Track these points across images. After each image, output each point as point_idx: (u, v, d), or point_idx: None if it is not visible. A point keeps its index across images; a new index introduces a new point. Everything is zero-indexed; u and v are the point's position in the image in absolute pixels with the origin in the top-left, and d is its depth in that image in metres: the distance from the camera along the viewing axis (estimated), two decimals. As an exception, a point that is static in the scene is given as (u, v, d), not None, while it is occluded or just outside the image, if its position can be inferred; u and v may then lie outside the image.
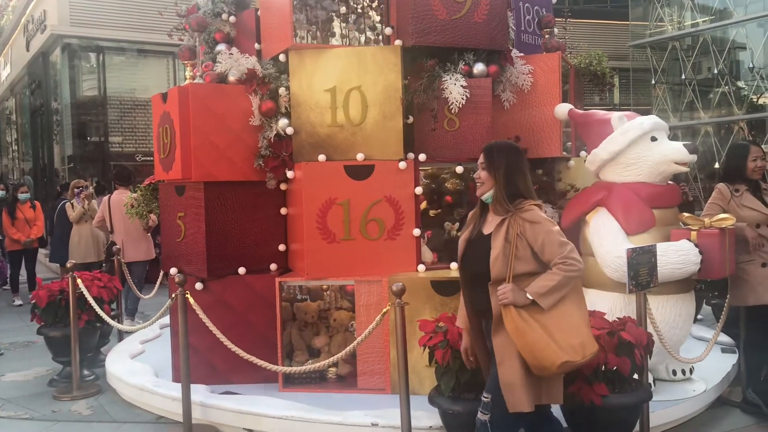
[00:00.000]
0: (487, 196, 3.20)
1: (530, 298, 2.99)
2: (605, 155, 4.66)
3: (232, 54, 5.07)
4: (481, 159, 3.25)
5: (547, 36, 5.68)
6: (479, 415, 3.17)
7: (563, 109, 5.11)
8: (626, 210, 4.49)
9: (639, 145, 4.58)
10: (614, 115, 4.73)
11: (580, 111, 5.16)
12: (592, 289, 4.62)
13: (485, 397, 3.16)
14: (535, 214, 3.08)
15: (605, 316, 3.86)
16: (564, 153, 5.39)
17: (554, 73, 5.27)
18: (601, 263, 4.45)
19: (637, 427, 3.86)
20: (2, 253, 7.95)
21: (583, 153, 5.65)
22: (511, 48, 5.35)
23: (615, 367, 3.61)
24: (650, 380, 4.21)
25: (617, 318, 3.87)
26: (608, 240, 4.43)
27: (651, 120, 4.68)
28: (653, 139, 4.60)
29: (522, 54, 5.42)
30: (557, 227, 3.08)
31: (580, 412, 3.62)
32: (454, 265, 4.89)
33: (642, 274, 3.92)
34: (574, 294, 3.07)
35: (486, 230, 3.19)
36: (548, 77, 5.28)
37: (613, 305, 4.42)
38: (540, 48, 5.78)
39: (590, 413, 3.58)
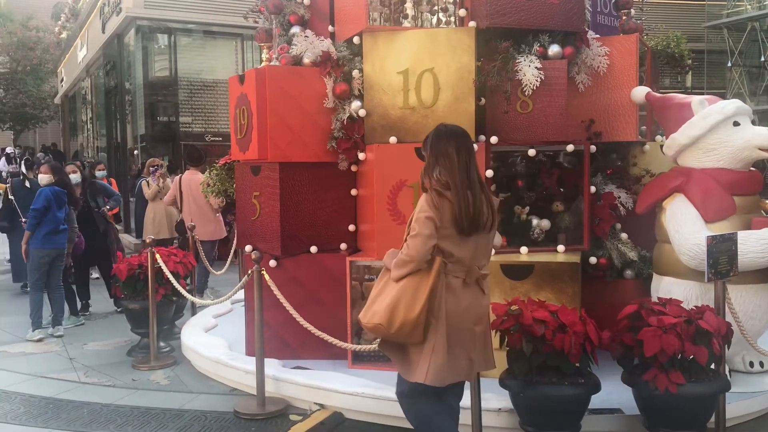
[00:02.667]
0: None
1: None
2: (684, 140, 4.55)
3: (307, 37, 5.14)
4: None
5: (624, 17, 5.54)
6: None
7: (640, 92, 5.00)
8: (705, 196, 4.38)
9: (720, 130, 4.45)
10: (695, 99, 4.60)
11: (658, 94, 5.03)
12: (666, 277, 4.56)
13: None
14: (422, 198, 3.22)
15: (682, 305, 3.80)
16: (639, 137, 5.28)
17: (631, 56, 5.15)
18: (678, 250, 4.36)
19: (713, 418, 3.79)
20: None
21: (658, 137, 5.53)
22: (587, 29, 5.25)
23: (692, 356, 3.56)
24: (726, 371, 4.13)
25: (695, 306, 3.80)
26: (686, 227, 4.33)
27: (734, 104, 4.53)
28: (736, 124, 4.46)
29: (598, 35, 5.31)
30: (424, 215, 3.12)
31: (655, 399, 3.59)
32: (524, 249, 4.88)
33: (722, 262, 3.83)
34: (416, 277, 3.14)
35: None
36: (625, 59, 5.16)
37: (688, 293, 4.35)
38: (616, 29, 5.65)
39: (665, 401, 3.55)
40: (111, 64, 17.80)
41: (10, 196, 8.91)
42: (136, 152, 15.62)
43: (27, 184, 8.79)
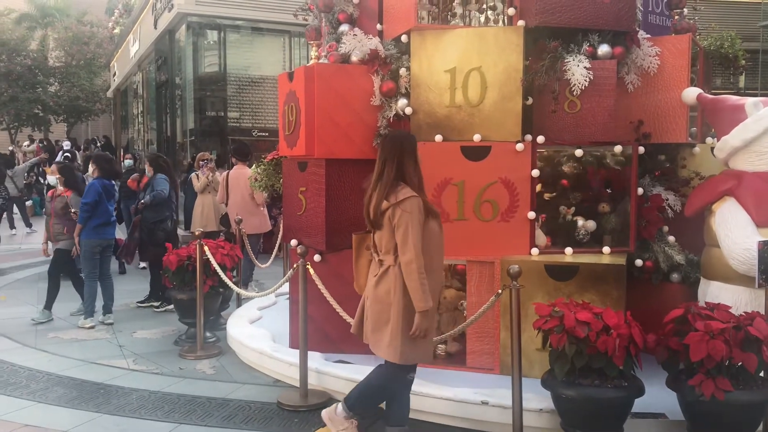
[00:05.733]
0: None
1: None
2: (737, 143, 4.45)
3: (356, 35, 5.19)
4: None
5: (676, 17, 5.45)
6: None
7: (692, 93, 4.91)
8: (757, 200, 4.28)
9: (775, 133, 4.35)
10: (749, 101, 4.49)
11: (710, 96, 4.94)
12: (715, 281, 4.47)
13: None
14: None
15: (730, 310, 3.74)
16: (689, 139, 5.19)
17: (683, 56, 5.06)
18: (727, 255, 4.28)
19: (761, 427, 3.72)
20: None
21: (709, 139, 5.42)
22: (637, 29, 5.19)
23: (740, 363, 3.50)
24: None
25: (744, 312, 3.73)
26: (736, 231, 4.25)
27: (790, 107, 4.42)
28: (791, 127, 4.35)
29: (649, 35, 5.24)
30: None
31: (701, 406, 3.54)
32: (569, 250, 4.85)
33: (773, 268, 3.75)
34: None
35: None
36: (676, 60, 5.08)
37: (737, 299, 4.25)
38: (668, 29, 5.57)
39: (711, 408, 3.50)
40: (162, 60, 18.17)
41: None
42: (186, 146, 15.91)
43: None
